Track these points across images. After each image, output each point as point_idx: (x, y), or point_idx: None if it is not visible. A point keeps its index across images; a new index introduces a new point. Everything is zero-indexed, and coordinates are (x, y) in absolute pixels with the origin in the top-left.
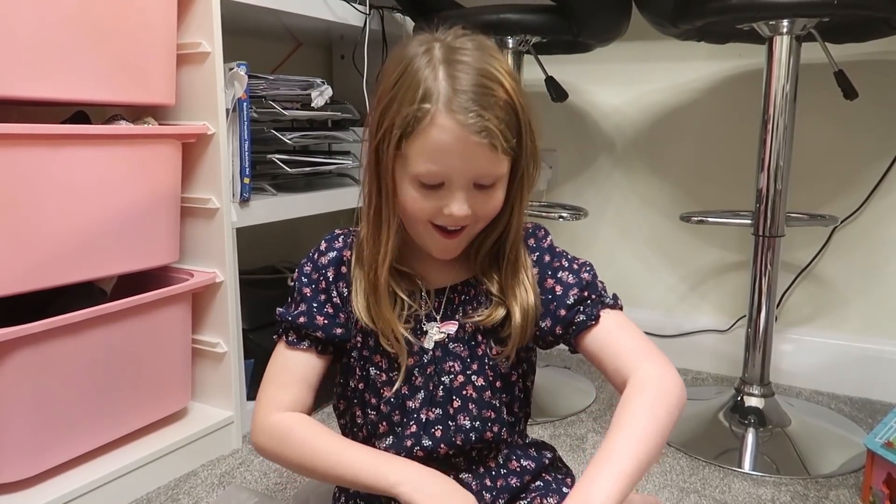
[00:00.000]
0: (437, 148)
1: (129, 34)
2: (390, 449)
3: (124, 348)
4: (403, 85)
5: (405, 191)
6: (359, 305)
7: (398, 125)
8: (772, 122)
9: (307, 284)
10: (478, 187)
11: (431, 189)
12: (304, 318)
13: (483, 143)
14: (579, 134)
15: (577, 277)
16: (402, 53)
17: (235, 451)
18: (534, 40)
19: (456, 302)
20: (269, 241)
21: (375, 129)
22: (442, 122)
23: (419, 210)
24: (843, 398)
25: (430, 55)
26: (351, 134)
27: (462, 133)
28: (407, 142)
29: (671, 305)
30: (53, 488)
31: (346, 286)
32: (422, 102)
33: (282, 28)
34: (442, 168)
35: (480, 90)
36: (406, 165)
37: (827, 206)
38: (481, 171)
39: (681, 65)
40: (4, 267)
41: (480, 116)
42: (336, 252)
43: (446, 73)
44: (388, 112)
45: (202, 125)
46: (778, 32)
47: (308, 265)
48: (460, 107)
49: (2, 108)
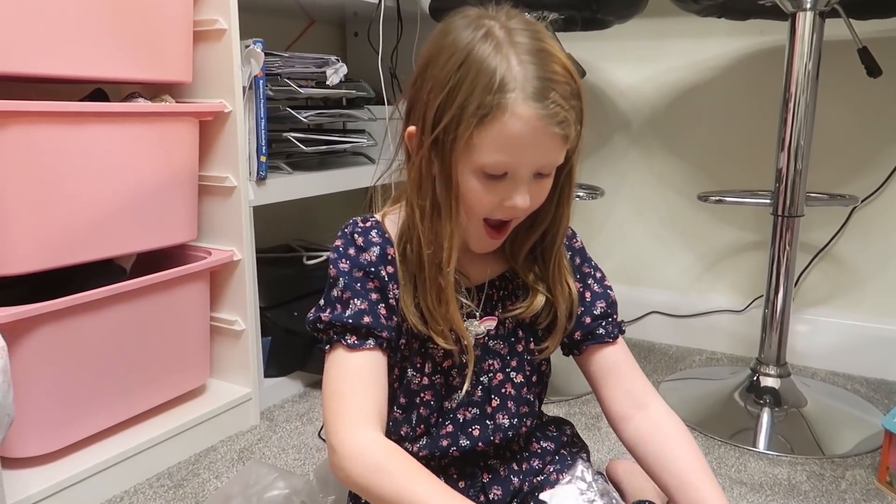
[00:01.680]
0: (512, 138)
1: (146, 11)
2: (424, 449)
3: (144, 325)
4: (471, 72)
5: (466, 182)
6: (408, 308)
7: (470, 114)
8: (793, 101)
9: (357, 282)
10: (536, 177)
11: (494, 180)
12: (369, 317)
13: (558, 133)
14: (595, 112)
15: (604, 289)
16: (455, 37)
17: (254, 427)
18: (552, 17)
19: (495, 298)
20: (282, 220)
21: (433, 121)
22: (521, 112)
23: (479, 203)
24: (859, 379)
25: (494, 39)
26: (366, 112)
27: (541, 123)
28: (478, 131)
29: (687, 285)
30: (75, 463)
31: (396, 287)
32: (499, 91)
33: (295, 5)
34: (512, 158)
35: (557, 78)
36: (471, 156)
37: (846, 185)
38: (547, 161)
39: (700, 42)
40: (26, 244)
41: (560, 106)
42: (378, 248)
43: (518, 59)
44: (453, 101)
45: (219, 103)
46: (801, 8)
47: (346, 262)
48: (541, 96)
49: (21, 86)
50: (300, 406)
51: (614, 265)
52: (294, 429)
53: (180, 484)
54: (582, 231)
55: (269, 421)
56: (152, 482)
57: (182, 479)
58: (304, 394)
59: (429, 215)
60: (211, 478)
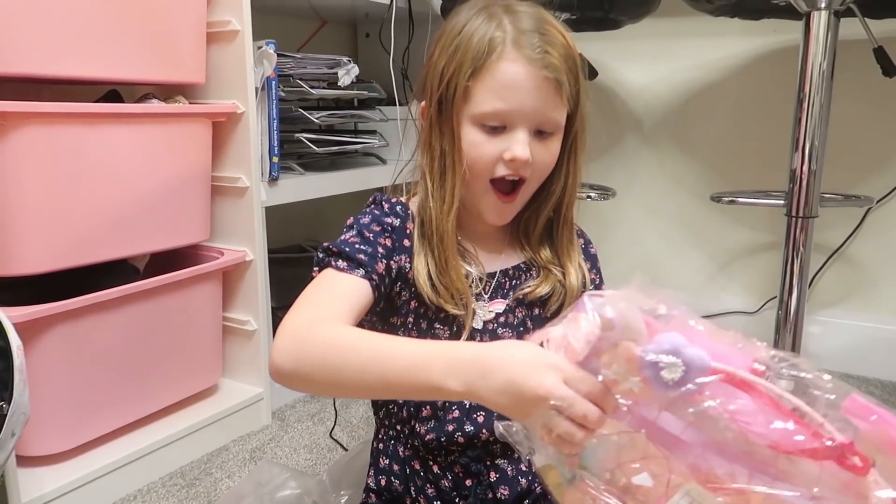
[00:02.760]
0: (505, 83)
1: (160, 13)
2: (431, 433)
3: (157, 325)
4: (466, 34)
5: (467, 135)
6: (420, 276)
7: (468, 63)
8: (807, 101)
9: (370, 231)
10: (537, 135)
11: (493, 132)
12: (365, 256)
13: (550, 77)
14: (606, 112)
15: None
16: (458, 19)
17: (266, 427)
18: (564, 17)
19: (507, 287)
20: (294, 221)
21: (438, 79)
22: (510, 56)
23: (479, 157)
24: (873, 381)
25: (490, 11)
26: (377, 113)
27: (530, 67)
28: (474, 80)
29: (699, 286)
30: (89, 461)
31: (409, 260)
32: (490, 44)
33: (307, 6)
34: (509, 105)
35: (543, 30)
36: (470, 107)
37: (861, 186)
38: (545, 112)
39: (712, 41)
40: (41, 244)
41: (547, 52)
42: (400, 220)
43: (509, 19)
44: (455, 57)
45: (232, 104)
46: (816, 7)
47: (368, 217)
48: (528, 42)
49: (36, 87)
50: (312, 406)
51: (626, 266)
52: (306, 429)
53: (192, 483)
54: (593, 232)
55: (281, 421)
56: (165, 481)
57: (194, 479)
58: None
59: (437, 174)
60: (223, 477)
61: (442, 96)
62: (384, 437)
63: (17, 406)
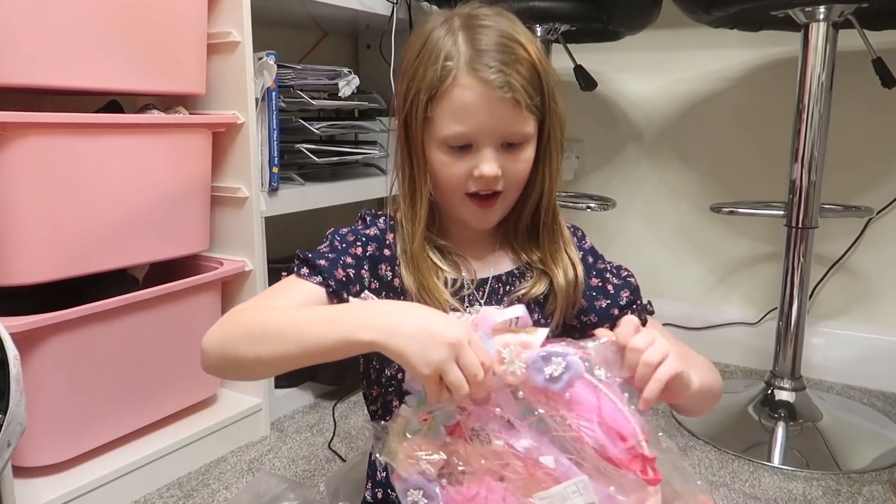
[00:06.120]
0: (462, 107)
1: (160, 24)
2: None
3: (156, 335)
4: (425, 53)
5: (435, 157)
6: (411, 287)
7: (424, 90)
8: (806, 112)
9: (340, 241)
10: (506, 148)
11: (460, 152)
12: (326, 262)
13: (506, 97)
14: (606, 123)
15: (623, 280)
16: (422, 29)
17: (264, 438)
18: (563, 28)
19: (500, 292)
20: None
21: (402, 101)
22: (464, 81)
23: (450, 176)
24: (875, 393)
25: (450, 25)
26: (377, 124)
27: (484, 90)
28: (433, 105)
29: (700, 297)
30: (86, 472)
31: (391, 269)
32: (444, 67)
33: (308, 17)
34: (468, 128)
35: (501, 48)
36: (433, 131)
37: (862, 196)
38: (507, 128)
39: (712, 53)
40: (40, 254)
41: (501, 72)
42: (379, 231)
43: (465, 36)
44: (413, 81)
45: (232, 114)
46: (814, 19)
47: (346, 228)
48: (482, 64)
49: (38, 98)
50: (310, 417)
51: None
52: (304, 440)
53: (190, 494)
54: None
55: (280, 432)
56: (162, 492)
57: (192, 490)
58: (314, 405)
59: (408, 195)
60: (221, 488)
61: (406, 118)
62: None
63: (14, 416)
